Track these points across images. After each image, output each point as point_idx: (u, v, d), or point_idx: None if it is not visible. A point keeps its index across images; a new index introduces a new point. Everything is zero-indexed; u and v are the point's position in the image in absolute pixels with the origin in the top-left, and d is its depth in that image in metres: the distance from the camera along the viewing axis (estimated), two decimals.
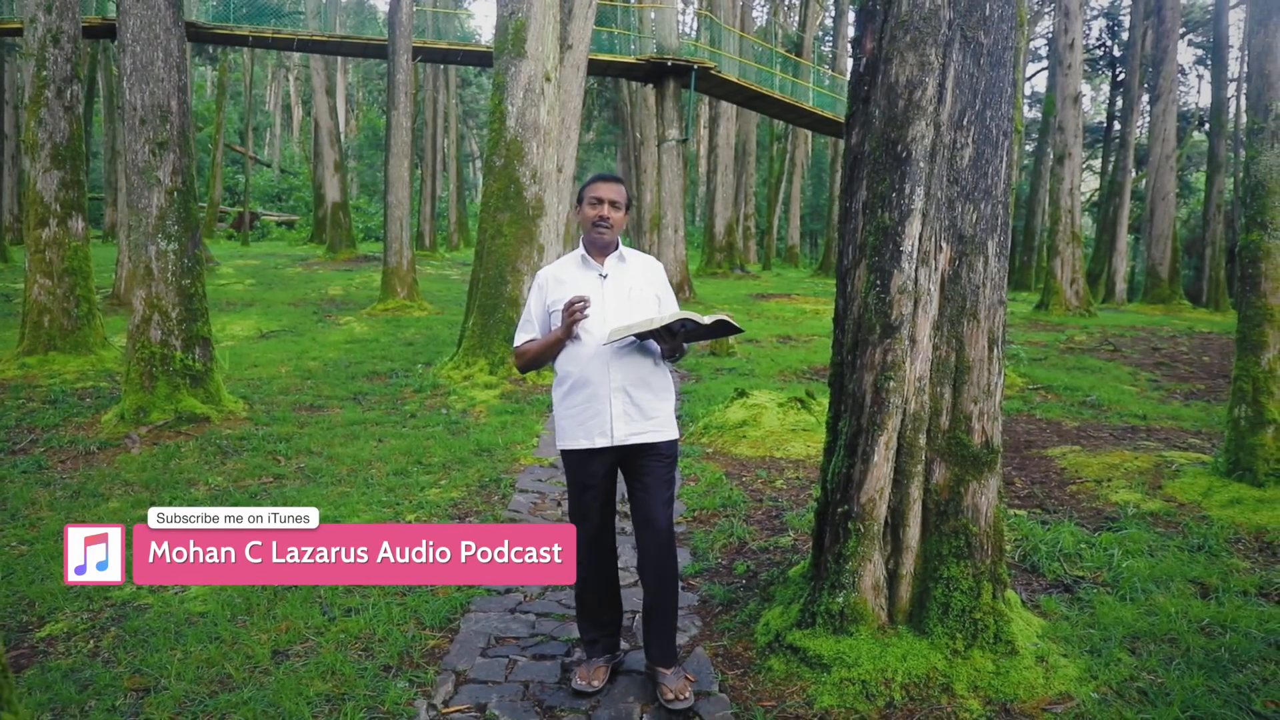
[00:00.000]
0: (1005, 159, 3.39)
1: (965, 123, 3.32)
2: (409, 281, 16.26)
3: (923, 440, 3.34)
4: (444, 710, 3.15)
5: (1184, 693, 3.06)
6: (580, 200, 3.30)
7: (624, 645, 3.55)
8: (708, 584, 4.27)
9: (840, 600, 3.34)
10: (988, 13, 3.31)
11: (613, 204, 3.23)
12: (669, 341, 3.15)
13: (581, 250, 3.29)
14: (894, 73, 3.34)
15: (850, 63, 3.74)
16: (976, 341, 3.35)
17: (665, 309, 3.26)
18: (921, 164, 3.30)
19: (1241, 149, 29.93)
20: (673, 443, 3.26)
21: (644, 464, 3.20)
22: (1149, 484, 5.60)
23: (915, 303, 3.31)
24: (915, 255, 3.30)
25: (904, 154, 3.30)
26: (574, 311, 3.08)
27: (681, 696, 3.12)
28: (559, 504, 5.61)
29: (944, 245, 3.33)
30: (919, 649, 3.26)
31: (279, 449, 6.88)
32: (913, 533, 3.36)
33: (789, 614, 3.57)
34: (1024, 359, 11.57)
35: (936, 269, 3.33)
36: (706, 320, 3.01)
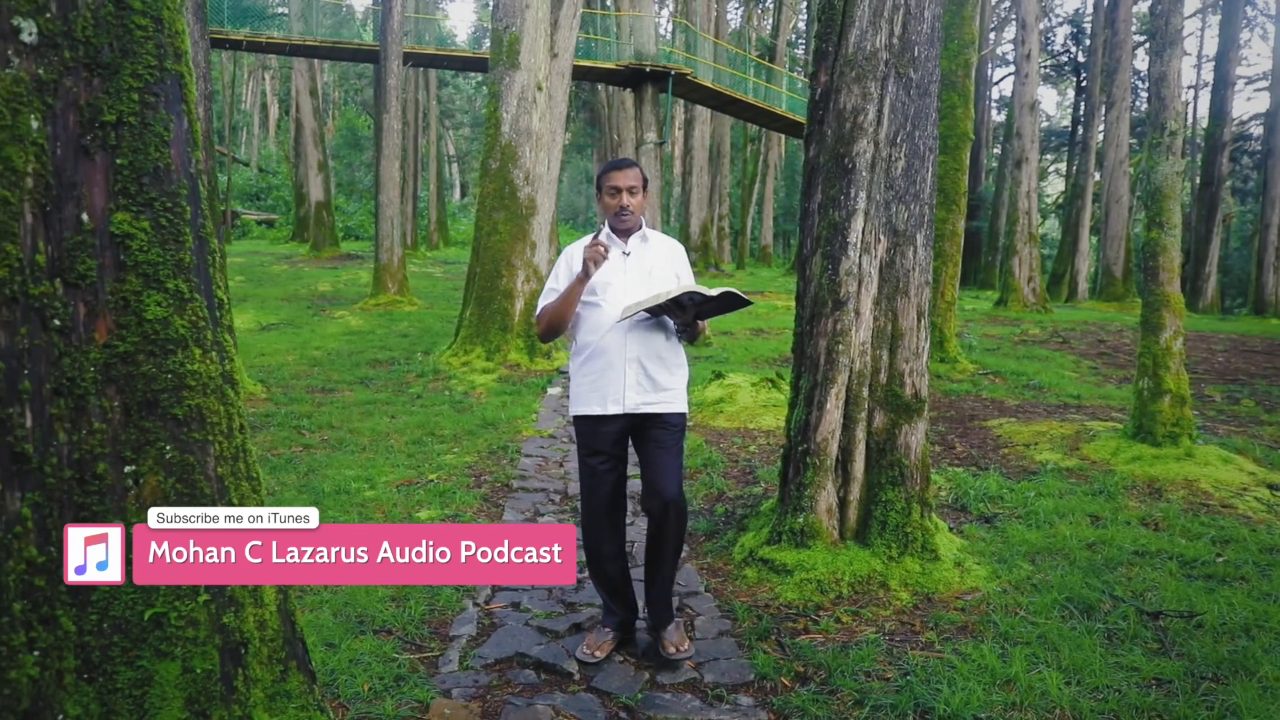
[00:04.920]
0: (931, 169, 4.26)
1: (898, 141, 4.18)
2: (400, 277, 16.96)
3: (865, 392, 4.20)
4: (486, 606, 3.96)
5: (1064, 586, 3.94)
6: (599, 189, 3.40)
7: (640, 632, 3.56)
8: (692, 521, 5.11)
9: (801, 521, 4.19)
10: (916, 54, 4.18)
11: (630, 190, 3.33)
12: (680, 316, 3.23)
13: (607, 229, 3.40)
14: (842, 101, 4.20)
15: None
16: (908, 314, 4.22)
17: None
18: (864, 173, 4.16)
19: (1197, 153, 31.27)
20: (681, 415, 3.37)
21: (652, 433, 3.31)
22: (1069, 446, 6.51)
23: (859, 283, 4.17)
24: (859, 245, 4.16)
25: (850, 165, 4.16)
26: (594, 252, 3.18)
27: (681, 648, 3.30)
28: (561, 464, 6.44)
29: (882, 238, 4.19)
30: (862, 557, 4.11)
31: (302, 424, 7.64)
32: (858, 466, 4.21)
33: (759, 536, 4.42)
34: (977, 348, 12.53)
35: (876, 256, 4.19)
36: (713, 293, 3.09)
